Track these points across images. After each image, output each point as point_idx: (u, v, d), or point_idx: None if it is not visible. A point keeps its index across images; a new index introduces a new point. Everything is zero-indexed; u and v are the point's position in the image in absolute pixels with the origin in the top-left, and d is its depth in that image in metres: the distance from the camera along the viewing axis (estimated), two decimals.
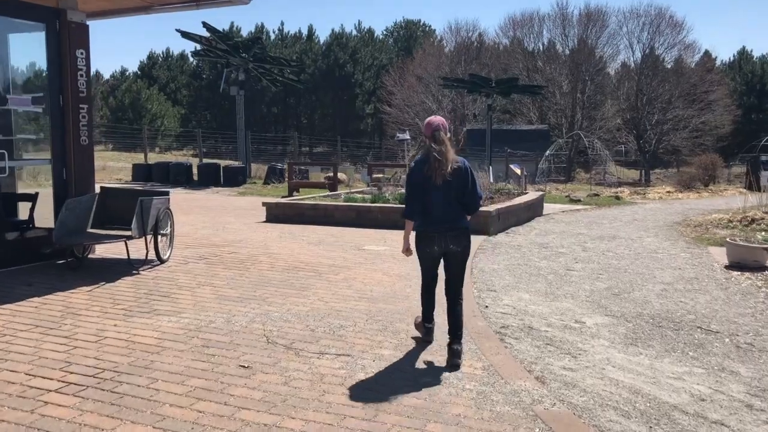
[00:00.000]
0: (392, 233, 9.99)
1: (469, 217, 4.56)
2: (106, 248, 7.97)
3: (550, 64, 49.38)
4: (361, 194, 13.69)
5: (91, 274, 6.84)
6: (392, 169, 20.32)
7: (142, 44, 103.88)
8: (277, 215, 11.88)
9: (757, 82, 56.44)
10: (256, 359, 4.32)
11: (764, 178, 23.91)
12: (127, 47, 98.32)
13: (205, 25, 24.95)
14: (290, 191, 17.50)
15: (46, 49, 7.13)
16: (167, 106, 55.66)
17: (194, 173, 22.67)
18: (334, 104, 59.28)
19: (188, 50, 58.90)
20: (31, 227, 7.29)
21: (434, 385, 3.93)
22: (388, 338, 4.83)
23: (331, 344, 4.65)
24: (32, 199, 7.31)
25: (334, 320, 5.25)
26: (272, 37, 62.89)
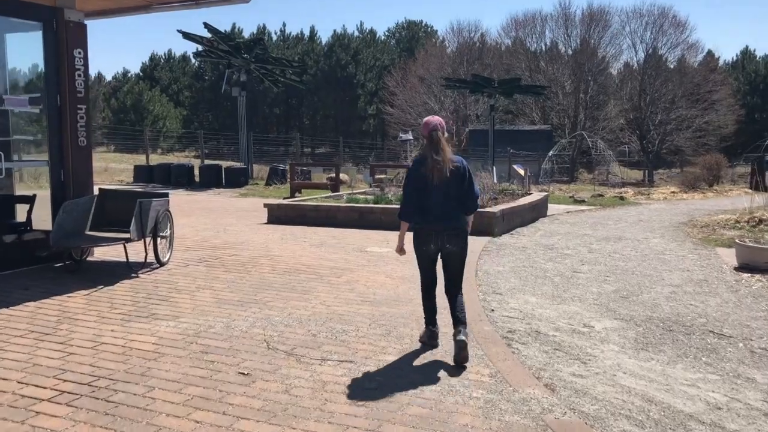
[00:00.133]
0: (395, 235, 9.74)
1: (471, 217, 4.55)
2: (104, 251, 7.85)
3: (552, 64, 49.21)
4: (363, 195, 13.56)
5: (89, 277, 6.72)
6: (395, 169, 20.18)
7: (144, 46, 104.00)
8: (278, 217, 11.76)
9: (760, 81, 56.22)
10: (256, 366, 4.19)
11: None
12: (129, 49, 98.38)
13: (206, 25, 24.85)
14: (292, 192, 17.37)
15: (43, 48, 7.01)
16: (169, 107, 55.65)
17: (196, 174, 22.55)
18: (336, 105, 59.17)
19: (190, 52, 58.81)
20: (28, 229, 7.17)
21: (440, 393, 3.80)
22: (391, 343, 4.70)
23: (333, 350, 4.52)
24: (30, 201, 7.20)
25: (336, 325, 5.13)
26: (274, 38, 62.84)
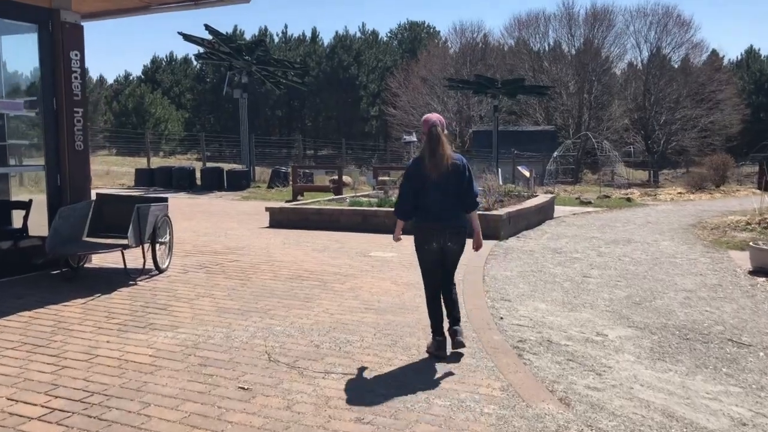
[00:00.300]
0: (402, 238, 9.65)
1: (475, 216, 4.55)
2: (102, 257, 7.68)
3: (556, 64, 48.98)
4: (366, 198, 13.38)
5: (86, 285, 6.55)
6: (398, 171, 19.99)
7: (145, 48, 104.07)
8: (280, 220, 11.58)
9: (765, 80, 55.89)
10: (256, 380, 4.00)
11: None
12: (131, 51, 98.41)
13: (207, 27, 24.71)
14: (294, 195, 17.21)
15: (38, 50, 6.84)
16: (171, 110, 55.56)
17: (197, 178, 22.40)
18: (338, 107, 59.03)
19: (192, 54, 58.77)
20: (24, 236, 7.01)
21: (450, 408, 3.61)
22: (398, 355, 4.51)
23: (336, 362, 4.34)
24: (26, 206, 7.03)
25: (339, 334, 4.94)
26: (276, 39, 62.76)
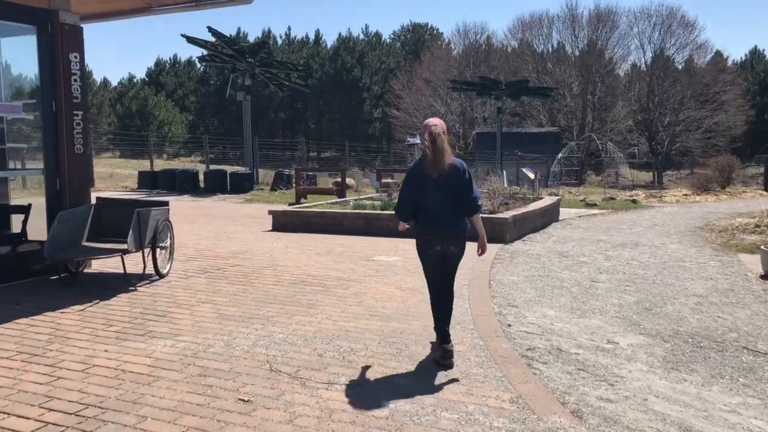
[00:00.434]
0: (404, 242, 9.53)
1: (478, 220, 4.53)
2: (103, 262, 7.56)
3: (559, 65, 48.79)
4: (370, 201, 13.25)
5: (85, 290, 6.43)
6: (402, 174, 19.87)
7: (149, 51, 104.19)
8: (283, 224, 11.46)
9: None
10: (257, 391, 3.88)
11: None
12: (134, 54, 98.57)
13: (210, 29, 24.65)
14: (297, 198, 17.10)
15: (37, 52, 6.73)
16: (175, 112, 55.55)
17: (200, 180, 22.31)
18: (341, 109, 58.96)
19: (195, 56, 58.86)
20: (23, 240, 6.90)
21: (458, 422, 3.48)
22: (403, 364, 4.37)
23: (340, 372, 4.20)
24: (25, 210, 6.92)
25: (343, 342, 4.81)
26: (279, 42, 62.74)
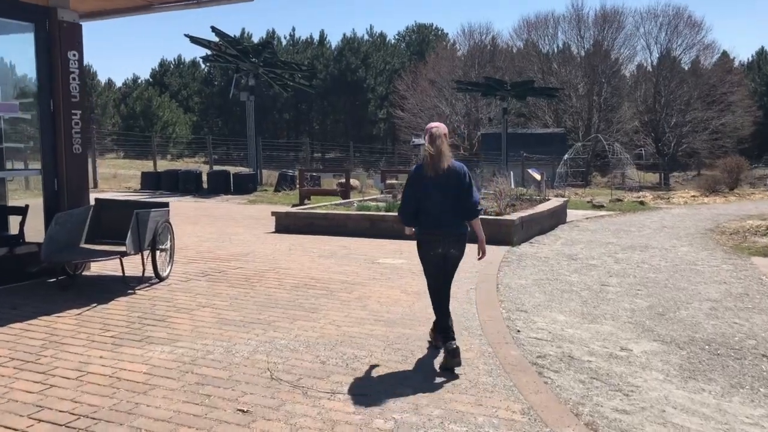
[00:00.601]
0: (409, 244, 9.29)
1: (478, 224, 4.52)
2: (102, 264, 7.41)
3: (565, 66, 48.58)
4: (374, 202, 13.09)
5: (82, 294, 6.28)
6: (406, 175, 19.72)
7: (153, 51, 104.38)
8: (286, 225, 11.31)
9: None
10: (257, 401, 3.71)
11: None
12: (139, 55, 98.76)
13: (213, 29, 24.54)
14: (301, 199, 16.95)
15: (35, 50, 6.59)
16: (179, 113, 55.54)
17: (204, 181, 22.18)
18: (346, 109, 58.83)
19: (199, 57, 58.75)
20: (21, 242, 6.75)
21: None
22: (409, 372, 4.20)
23: (343, 380, 4.04)
24: (22, 212, 6.78)
25: (347, 349, 4.64)
26: (284, 42, 62.66)
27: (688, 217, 15.76)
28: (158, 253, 6.77)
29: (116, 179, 26.97)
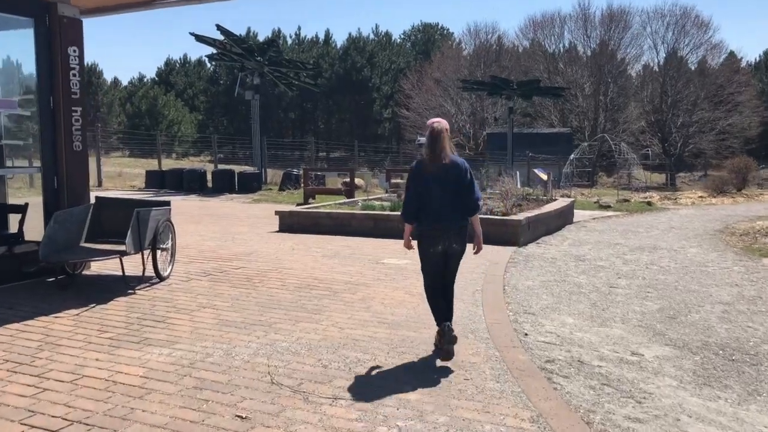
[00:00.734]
0: (413, 244, 9.22)
1: (476, 221, 4.54)
2: (103, 263, 7.30)
3: (571, 65, 48.33)
4: (379, 201, 12.96)
5: (82, 293, 6.17)
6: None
7: (159, 50, 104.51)
8: (290, 225, 11.19)
9: None
10: (256, 407, 3.59)
11: None
12: (145, 53, 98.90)
13: (219, 27, 24.45)
14: (306, 198, 16.84)
15: (34, 46, 6.48)
16: (184, 112, 55.55)
17: (208, 180, 22.11)
18: (351, 108, 58.72)
19: (205, 56, 58.70)
20: (20, 241, 6.65)
21: None
22: (414, 377, 4.07)
23: (346, 385, 3.91)
24: (22, 210, 6.67)
25: (350, 352, 4.52)
26: (289, 41, 62.61)
27: (696, 217, 15.58)
28: (159, 252, 6.65)
29: (121, 177, 26.95)
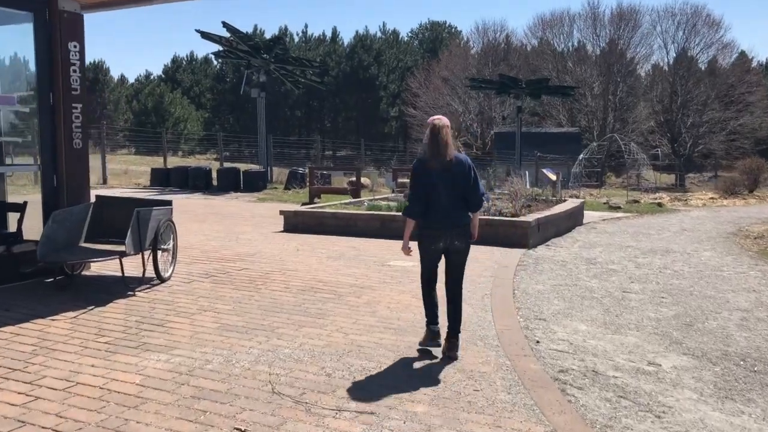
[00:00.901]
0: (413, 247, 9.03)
1: (476, 220, 4.53)
2: (102, 263, 7.16)
3: (580, 65, 47.97)
4: (385, 201, 12.78)
5: (80, 295, 6.02)
6: None
7: (166, 48, 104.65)
8: (295, 225, 11.03)
9: None
10: (256, 418, 3.42)
11: None
12: (151, 51, 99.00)
13: (225, 25, 24.30)
14: (311, 197, 16.67)
15: (34, 41, 6.32)
16: (190, 109, 55.52)
17: (214, 178, 21.97)
18: (357, 107, 58.52)
19: (211, 53, 58.66)
20: (19, 240, 6.50)
21: None
22: (421, 388, 3.89)
23: (350, 396, 3.73)
24: (20, 209, 6.53)
25: (354, 360, 4.34)
26: (296, 39, 62.47)
27: (708, 219, 15.32)
28: (160, 253, 6.49)
29: (127, 175, 26.86)
